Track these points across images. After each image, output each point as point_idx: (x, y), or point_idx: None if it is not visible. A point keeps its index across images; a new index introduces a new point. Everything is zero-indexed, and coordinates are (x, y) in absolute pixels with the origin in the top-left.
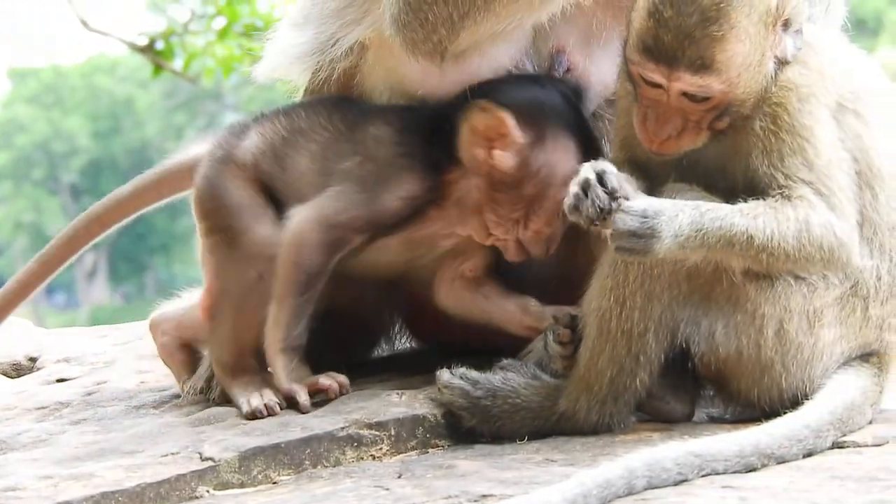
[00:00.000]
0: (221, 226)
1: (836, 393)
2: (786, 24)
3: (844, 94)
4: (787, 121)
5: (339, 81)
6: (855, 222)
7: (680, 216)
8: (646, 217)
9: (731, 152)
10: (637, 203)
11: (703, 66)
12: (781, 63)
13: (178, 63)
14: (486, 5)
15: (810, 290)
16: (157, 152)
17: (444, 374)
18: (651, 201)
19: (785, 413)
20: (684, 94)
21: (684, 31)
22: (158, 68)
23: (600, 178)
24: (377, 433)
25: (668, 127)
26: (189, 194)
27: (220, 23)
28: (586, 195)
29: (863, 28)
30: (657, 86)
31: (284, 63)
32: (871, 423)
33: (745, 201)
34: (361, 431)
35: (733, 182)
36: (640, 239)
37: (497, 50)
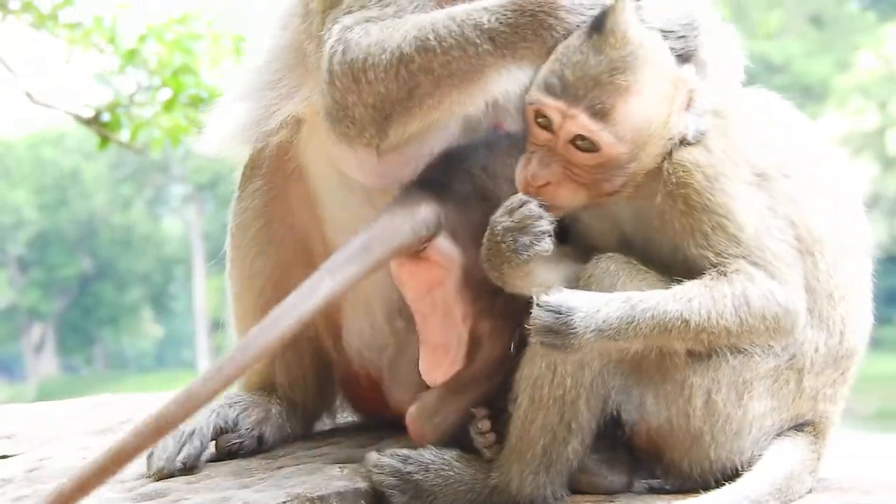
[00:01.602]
0: None
1: (775, 463)
2: (688, 103)
3: (765, 163)
4: (698, 201)
5: (276, 155)
6: (801, 287)
7: (603, 311)
8: (559, 313)
9: (659, 235)
10: (553, 298)
11: (602, 111)
12: (681, 142)
13: (124, 134)
14: (405, 111)
15: (741, 362)
16: (105, 224)
17: (372, 456)
18: (568, 297)
19: (721, 484)
20: (573, 142)
21: (591, 74)
22: (105, 140)
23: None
24: None
25: (548, 171)
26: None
27: (165, 94)
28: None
29: (809, 94)
30: (549, 129)
31: (225, 136)
32: (810, 491)
33: (680, 281)
34: None
35: (669, 259)
36: (557, 335)
37: (441, 136)
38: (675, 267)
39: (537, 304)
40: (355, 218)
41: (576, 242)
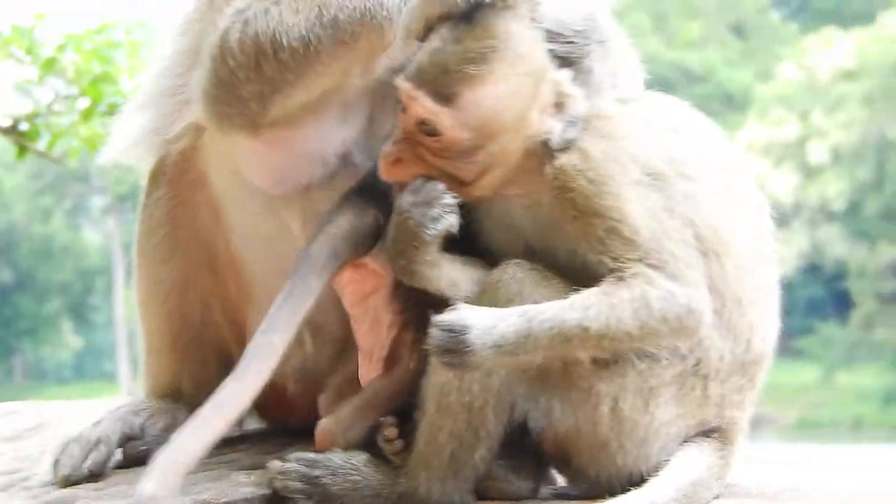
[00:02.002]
0: None
1: (681, 469)
2: (557, 107)
3: (659, 163)
4: (586, 206)
5: (178, 162)
6: (703, 286)
7: (500, 326)
8: (454, 332)
9: (556, 241)
10: (448, 316)
11: (445, 96)
12: (545, 145)
13: (42, 144)
14: (297, 79)
15: (647, 370)
16: (24, 235)
17: (275, 463)
18: (463, 314)
19: (627, 490)
20: (419, 124)
21: (442, 60)
22: (23, 150)
23: None
24: None
25: (398, 148)
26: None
27: (84, 103)
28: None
29: (730, 103)
30: (403, 111)
31: (129, 145)
32: (717, 497)
33: (580, 289)
34: None
35: (570, 265)
36: (454, 354)
37: (334, 134)
38: (575, 272)
39: (433, 323)
40: (257, 224)
41: (480, 252)
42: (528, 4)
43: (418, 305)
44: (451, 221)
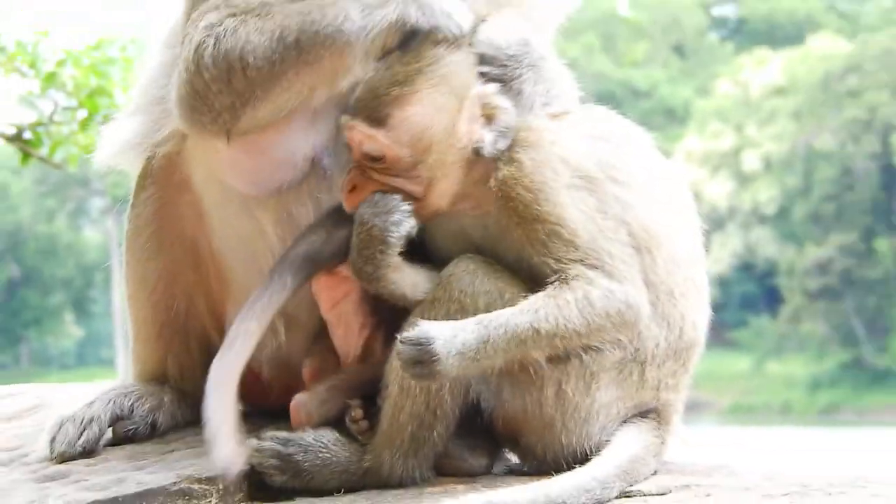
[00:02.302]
0: None
1: (621, 447)
2: (488, 119)
3: (589, 166)
4: (527, 213)
5: (165, 165)
6: (639, 282)
7: (460, 335)
8: (420, 344)
9: (503, 247)
10: (413, 332)
11: (378, 118)
12: (476, 154)
13: (45, 151)
14: (265, 94)
15: (590, 356)
16: (30, 235)
17: (252, 442)
18: (426, 328)
19: (572, 467)
20: (365, 153)
21: (373, 87)
22: (27, 156)
23: None
24: (207, 487)
25: (351, 177)
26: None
27: (82, 114)
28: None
29: (672, 117)
30: (349, 147)
31: (118, 150)
32: (655, 473)
33: (531, 289)
34: (192, 486)
35: (517, 267)
36: (423, 365)
37: (303, 139)
38: (522, 273)
39: (399, 341)
40: (234, 224)
41: (433, 262)
42: (461, 33)
43: (388, 308)
44: (412, 223)
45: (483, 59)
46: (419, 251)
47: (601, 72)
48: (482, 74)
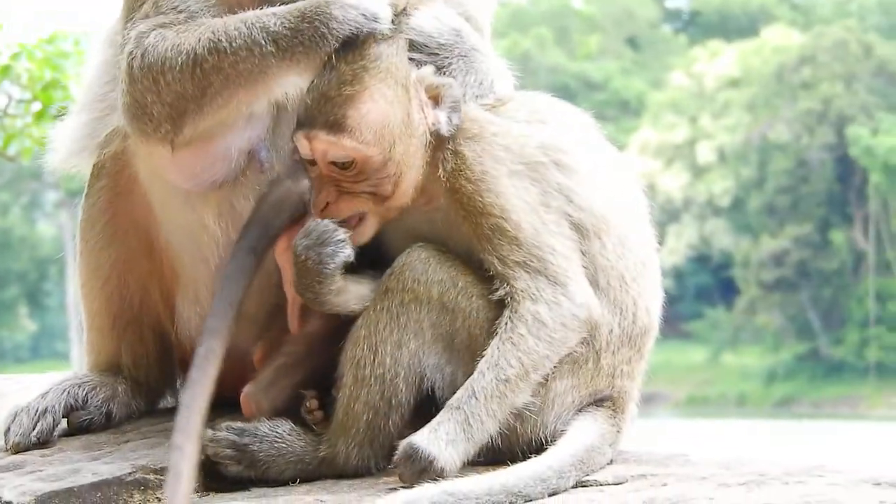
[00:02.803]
0: None
1: (577, 437)
2: (435, 100)
3: (532, 152)
4: (471, 206)
5: (116, 160)
6: (582, 278)
7: (443, 433)
8: (425, 469)
9: (453, 242)
10: (408, 456)
11: (337, 123)
12: (438, 139)
13: None
14: (199, 109)
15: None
16: None
17: (207, 432)
18: (421, 449)
19: (528, 457)
20: (332, 163)
21: (322, 92)
22: None
23: None
24: (162, 477)
25: (322, 196)
26: None
27: (36, 107)
28: None
29: (626, 110)
30: (311, 162)
31: (69, 149)
32: (611, 463)
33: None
34: (147, 476)
35: (470, 260)
36: (428, 473)
37: (239, 133)
38: (473, 263)
39: (402, 476)
40: (179, 217)
41: (383, 264)
42: (393, 24)
43: None
44: (347, 252)
45: (413, 46)
46: (372, 251)
47: (555, 64)
48: (412, 61)
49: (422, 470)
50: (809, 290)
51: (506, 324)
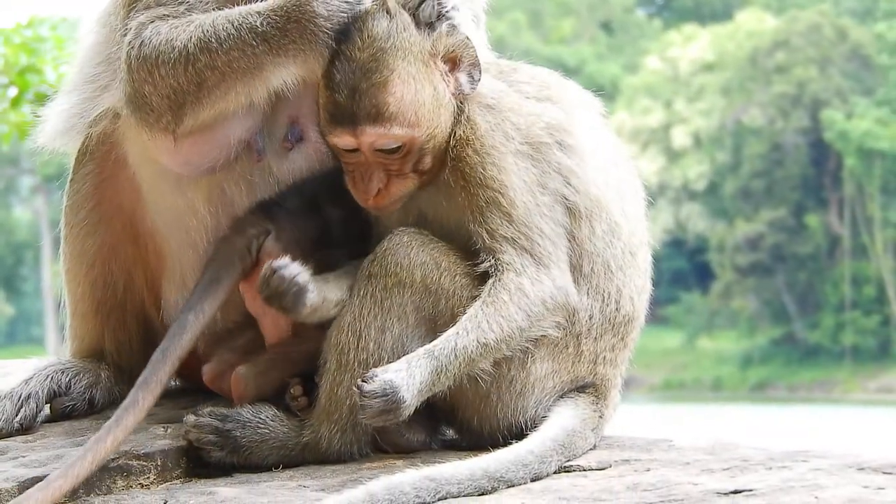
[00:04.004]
0: None
1: (559, 422)
2: (453, 63)
3: (538, 132)
4: (472, 175)
5: (102, 142)
6: (564, 265)
7: (417, 374)
8: (385, 396)
9: (447, 212)
10: (374, 385)
11: (379, 113)
12: (463, 99)
13: None
14: (197, 101)
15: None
16: None
17: (190, 417)
18: (387, 378)
19: (509, 442)
20: (378, 150)
21: (352, 87)
22: None
23: None
24: (145, 463)
25: (374, 183)
26: None
27: (13, 92)
28: None
29: (600, 94)
30: (353, 150)
31: (57, 128)
32: (594, 448)
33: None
34: (130, 462)
35: (456, 236)
36: (390, 413)
37: (237, 121)
38: (461, 244)
39: (363, 395)
40: (168, 202)
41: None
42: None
43: None
44: (312, 294)
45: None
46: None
47: (529, 49)
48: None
49: (389, 411)
50: (785, 274)
51: (490, 290)
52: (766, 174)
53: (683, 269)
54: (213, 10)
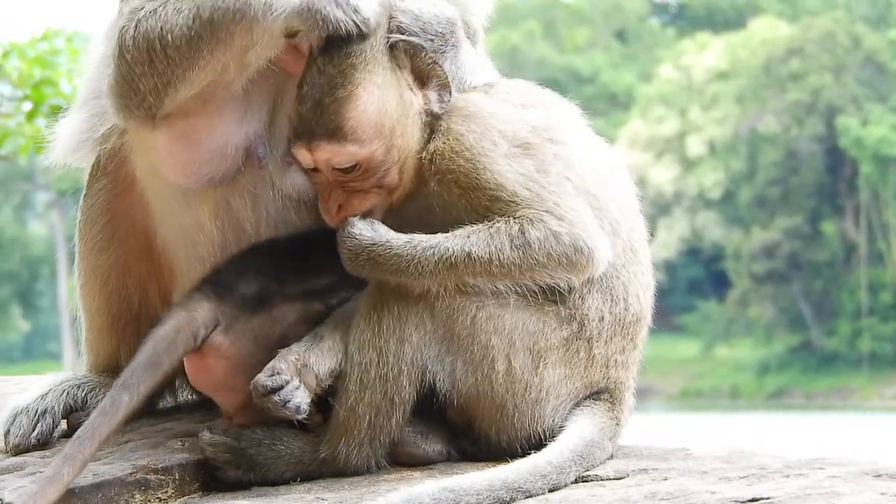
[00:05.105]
0: None
1: (576, 432)
2: (422, 81)
3: (525, 133)
4: (468, 183)
5: (114, 158)
6: (592, 225)
7: (391, 236)
8: (360, 256)
9: (443, 219)
10: (355, 228)
11: (337, 130)
12: (434, 119)
13: None
14: (184, 74)
15: (536, 330)
16: None
17: (205, 435)
18: (365, 227)
19: (527, 453)
20: (336, 168)
21: (316, 101)
22: None
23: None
24: (163, 477)
25: (334, 199)
26: None
27: (28, 106)
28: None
29: (615, 103)
30: (314, 169)
31: (69, 145)
32: (612, 457)
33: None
34: (148, 476)
35: None
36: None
37: (236, 129)
38: None
39: (348, 226)
40: (176, 216)
41: None
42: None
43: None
44: (305, 400)
45: (407, 31)
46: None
47: (543, 58)
48: (408, 45)
49: (362, 251)
50: (801, 281)
51: (492, 223)
52: (781, 182)
53: (700, 277)
54: None
